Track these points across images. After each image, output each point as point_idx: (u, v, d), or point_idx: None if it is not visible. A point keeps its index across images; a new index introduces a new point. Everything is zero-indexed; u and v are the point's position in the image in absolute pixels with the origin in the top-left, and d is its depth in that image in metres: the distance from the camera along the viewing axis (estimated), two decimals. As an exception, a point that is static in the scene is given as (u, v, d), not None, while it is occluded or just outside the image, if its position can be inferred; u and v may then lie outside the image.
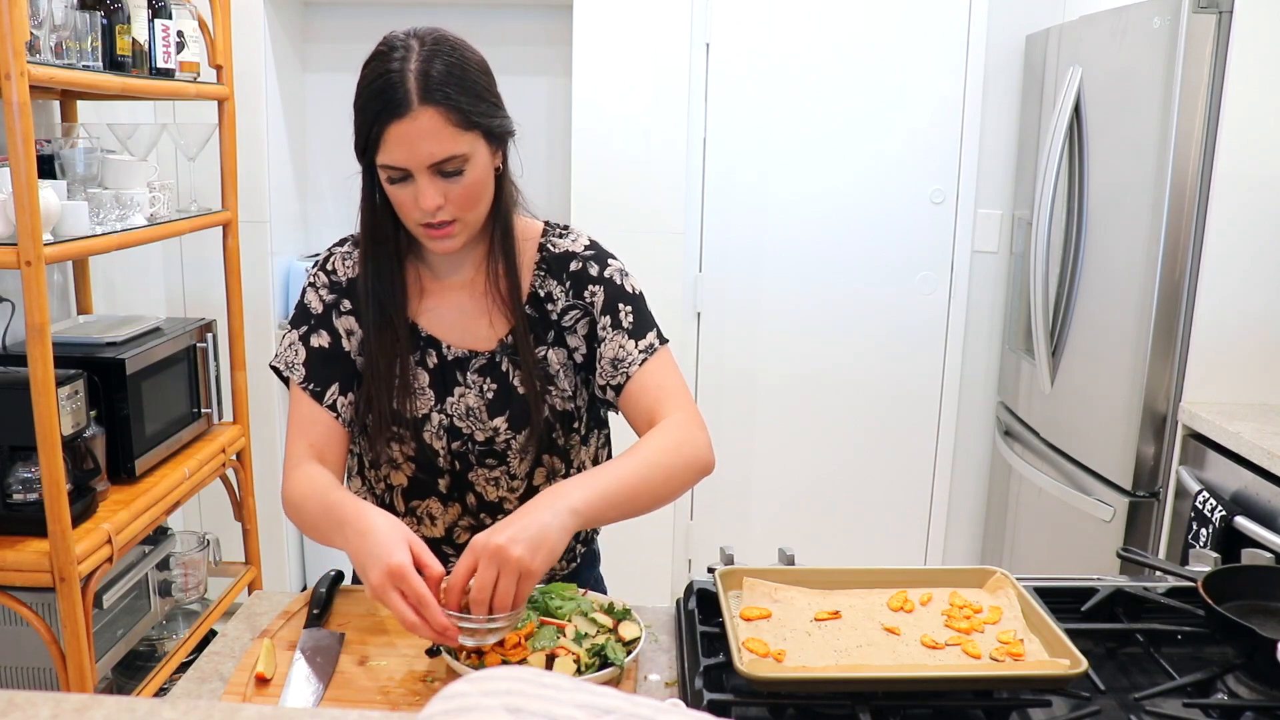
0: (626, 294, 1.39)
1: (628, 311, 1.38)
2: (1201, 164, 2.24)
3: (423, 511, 1.43)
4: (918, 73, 3.05)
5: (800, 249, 3.17)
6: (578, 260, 1.40)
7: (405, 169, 1.24)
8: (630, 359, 1.36)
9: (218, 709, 0.72)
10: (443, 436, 1.37)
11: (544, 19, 3.18)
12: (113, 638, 2.10)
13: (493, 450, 1.38)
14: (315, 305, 1.40)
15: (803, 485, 3.31)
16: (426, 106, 1.21)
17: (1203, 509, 2.09)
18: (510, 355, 1.37)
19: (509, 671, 0.70)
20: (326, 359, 1.38)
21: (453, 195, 1.26)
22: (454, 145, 1.23)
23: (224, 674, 1.16)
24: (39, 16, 1.79)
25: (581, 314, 1.39)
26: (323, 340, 1.38)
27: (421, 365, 1.38)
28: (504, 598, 1.07)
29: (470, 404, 1.37)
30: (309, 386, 1.37)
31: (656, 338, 1.38)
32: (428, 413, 1.37)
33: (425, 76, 1.22)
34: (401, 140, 1.22)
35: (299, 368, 1.37)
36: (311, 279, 1.42)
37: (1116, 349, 2.43)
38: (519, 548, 1.08)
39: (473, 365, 1.37)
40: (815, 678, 1.03)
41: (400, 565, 1.08)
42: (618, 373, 1.36)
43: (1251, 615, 1.18)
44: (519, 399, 1.36)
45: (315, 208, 3.38)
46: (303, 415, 1.37)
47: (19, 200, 1.69)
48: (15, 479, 1.88)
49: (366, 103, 1.25)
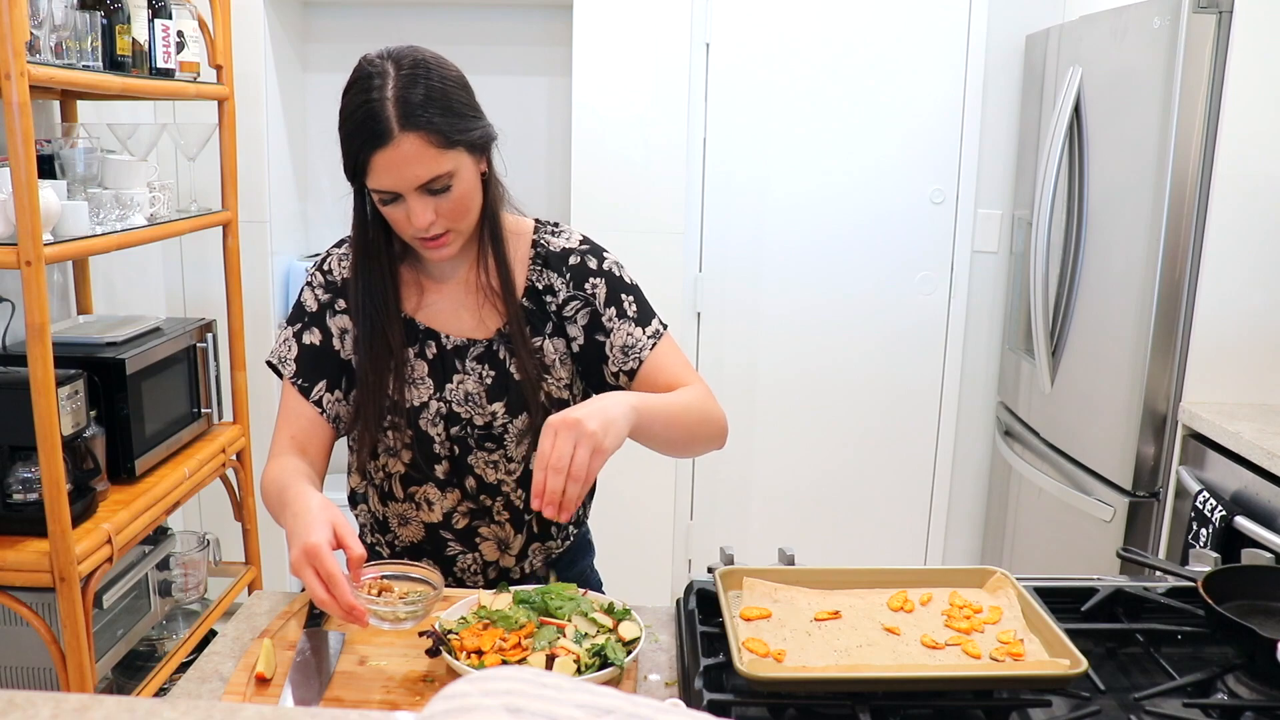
0: (626, 284, 1.46)
1: (630, 301, 1.44)
2: (1201, 164, 2.24)
3: (420, 497, 1.46)
4: (918, 73, 3.05)
5: (800, 249, 3.17)
6: (576, 255, 1.45)
7: (394, 192, 1.29)
8: (640, 345, 1.42)
9: (218, 709, 0.72)
10: (439, 423, 1.41)
11: (544, 19, 3.18)
12: (113, 638, 2.10)
13: (491, 434, 1.42)
14: (310, 304, 1.45)
15: (803, 485, 3.31)
16: (408, 133, 1.25)
17: (1203, 509, 2.09)
18: (507, 344, 1.42)
19: (509, 671, 0.70)
20: (316, 356, 1.42)
21: (443, 209, 1.30)
22: (438, 165, 1.27)
23: (224, 674, 1.16)
24: (39, 16, 1.79)
25: (583, 305, 1.44)
26: (314, 338, 1.43)
27: (421, 356, 1.42)
28: (580, 467, 1.15)
29: (469, 389, 1.41)
30: (298, 381, 1.42)
31: (660, 324, 1.46)
32: (426, 400, 1.40)
33: (404, 103, 1.25)
34: (387, 167, 1.26)
35: (290, 363, 1.43)
36: (310, 278, 1.47)
37: (1116, 349, 2.43)
38: (594, 422, 1.16)
39: (471, 353, 1.42)
40: (815, 678, 1.03)
41: (315, 545, 1.11)
42: (629, 359, 1.42)
43: (1251, 615, 1.18)
44: (516, 385, 1.41)
45: (315, 208, 3.38)
46: (289, 408, 1.43)
47: (19, 200, 1.69)
48: (15, 479, 1.88)
49: (350, 133, 1.29)
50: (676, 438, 1.35)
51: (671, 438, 1.34)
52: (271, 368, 1.45)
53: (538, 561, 1.51)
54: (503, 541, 1.47)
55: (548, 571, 1.52)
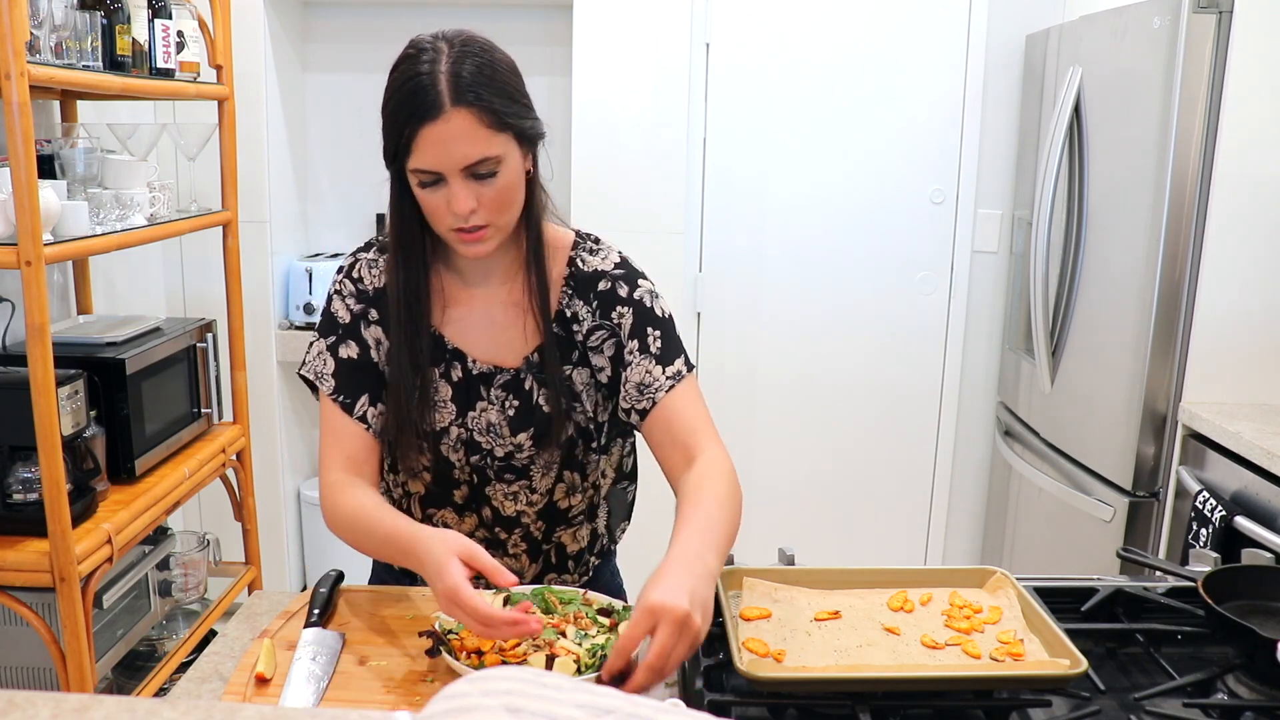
0: (655, 317, 1.37)
1: (656, 336, 1.36)
2: (1201, 164, 2.24)
3: (439, 520, 1.42)
4: (918, 73, 3.05)
5: (800, 249, 3.17)
6: (606, 280, 1.38)
7: (438, 172, 1.22)
8: (657, 385, 1.33)
9: (218, 709, 0.72)
10: (460, 450, 1.36)
11: (544, 19, 3.18)
12: (113, 638, 2.10)
13: (512, 465, 1.38)
14: (343, 315, 1.38)
15: (803, 485, 3.30)
16: (459, 108, 1.19)
17: (1203, 509, 2.09)
18: (535, 373, 1.36)
19: (509, 671, 0.70)
20: (355, 369, 1.36)
21: (485, 198, 1.24)
22: (487, 147, 1.21)
23: (224, 674, 1.16)
24: (39, 16, 1.79)
25: (608, 335, 1.37)
26: (351, 351, 1.37)
27: (445, 378, 1.36)
28: (675, 664, 1.03)
29: (491, 419, 1.36)
30: (339, 398, 1.35)
31: (684, 364, 1.36)
32: (447, 426, 1.36)
33: (456, 78, 1.20)
34: (434, 143, 1.20)
35: (328, 378, 1.36)
36: (337, 286, 1.40)
37: (1116, 349, 2.43)
38: (699, 614, 1.03)
39: (497, 381, 1.36)
40: (815, 678, 1.03)
41: (453, 588, 1.09)
42: (643, 398, 1.34)
43: (1251, 615, 1.18)
44: (543, 416, 1.35)
45: (315, 208, 3.38)
46: (335, 427, 1.36)
47: (19, 200, 1.69)
48: (15, 479, 1.88)
49: (397, 107, 1.22)
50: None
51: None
52: (306, 382, 1.39)
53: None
54: (516, 573, 1.42)
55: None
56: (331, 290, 1.40)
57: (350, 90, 3.27)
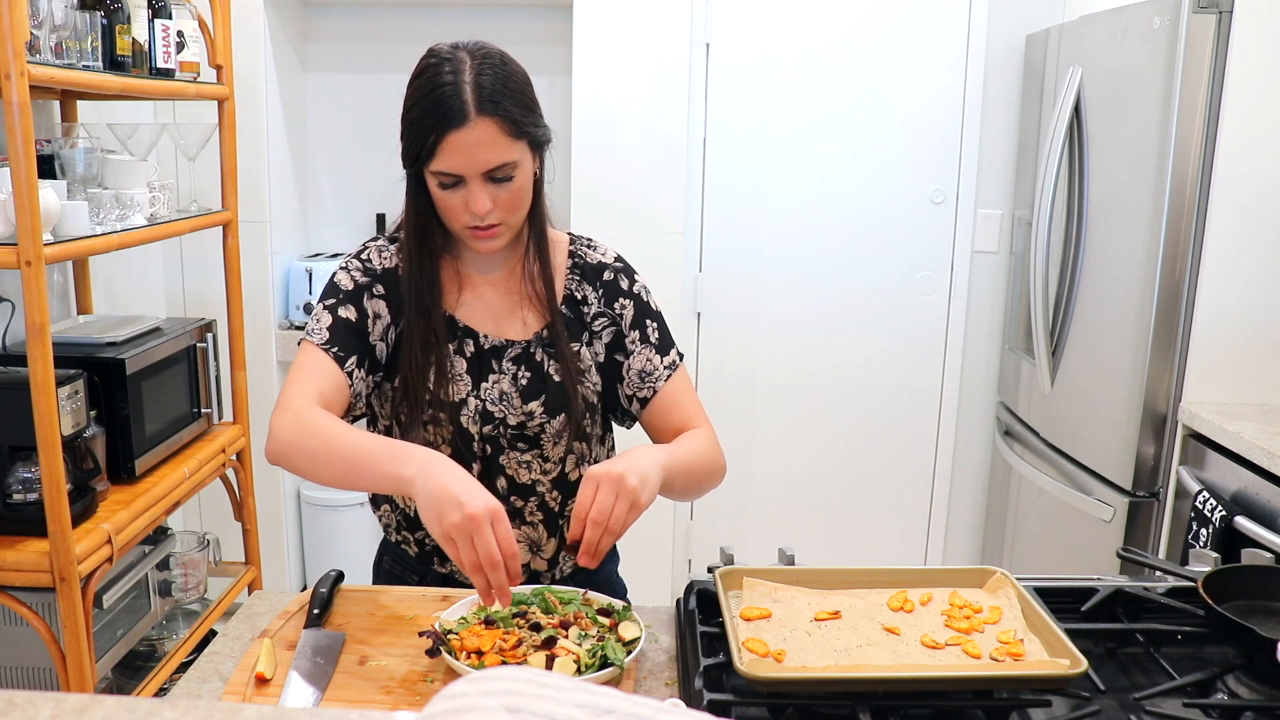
0: (652, 310, 1.50)
1: (654, 328, 1.49)
2: (1201, 164, 2.24)
3: None
4: (918, 73, 3.05)
5: (800, 249, 3.17)
6: (610, 271, 1.49)
7: (459, 175, 1.31)
8: (657, 374, 1.47)
9: (218, 709, 0.72)
10: (477, 421, 1.41)
11: (544, 19, 3.18)
12: (113, 638, 2.10)
13: (524, 435, 1.43)
14: (346, 283, 1.42)
15: (803, 485, 3.30)
16: (483, 117, 1.28)
17: (1203, 509, 2.09)
18: (545, 347, 1.44)
19: (509, 671, 0.70)
20: (352, 331, 1.38)
21: (501, 200, 1.33)
22: (507, 154, 1.31)
23: (224, 674, 1.16)
24: (39, 16, 1.79)
25: (609, 323, 1.48)
26: (350, 314, 1.39)
27: (459, 354, 1.43)
28: (618, 521, 1.18)
29: (504, 389, 1.42)
30: (331, 349, 1.35)
31: (677, 354, 1.50)
32: (464, 397, 1.41)
33: (480, 89, 1.29)
34: (458, 149, 1.29)
35: (322, 331, 1.37)
36: (345, 264, 1.44)
37: (1116, 349, 2.43)
38: (634, 478, 1.19)
39: (508, 354, 1.43)
40: (815, 678, 1.03)
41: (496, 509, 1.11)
42: (645, 385, 1.47)
43: (1251, 615, 1.18)
44: (554, 386, 1.42)
45: (315, 208, 3.38)
46: (317, 365, 1.34)
47: (19, 200, 1.69)
48: (15, 479, 1.88)
49: (423, 114, 1.30)
50: (688, 488, 1.39)
51: (685, 488, 1.38)
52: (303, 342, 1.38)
53: (568, 568, 1.50)
54: (535, 543, 1.47)
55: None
56: (338, 267, 1.45)
57: (350, 90, 3.27)
